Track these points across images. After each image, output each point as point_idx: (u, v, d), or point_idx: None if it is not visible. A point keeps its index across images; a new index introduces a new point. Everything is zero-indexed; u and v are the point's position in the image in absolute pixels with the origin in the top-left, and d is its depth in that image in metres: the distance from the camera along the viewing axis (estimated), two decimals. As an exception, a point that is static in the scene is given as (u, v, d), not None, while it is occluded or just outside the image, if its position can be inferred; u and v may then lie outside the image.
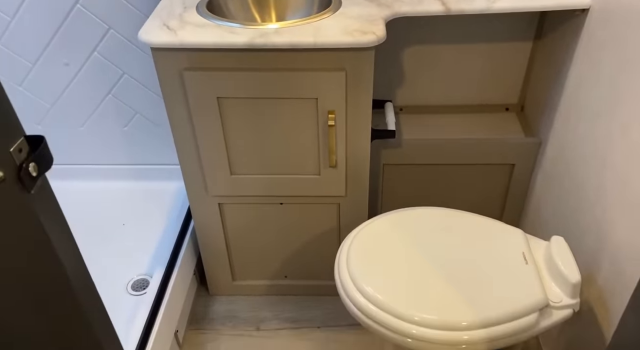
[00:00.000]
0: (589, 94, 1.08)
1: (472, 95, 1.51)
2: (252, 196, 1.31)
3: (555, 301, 0.95)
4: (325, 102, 1.10)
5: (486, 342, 0.92)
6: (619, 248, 0.94)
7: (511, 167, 1.41)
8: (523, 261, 1.01)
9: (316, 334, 1.44)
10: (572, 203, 1.15)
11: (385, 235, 1.09)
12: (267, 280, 1.52)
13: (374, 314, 0.96)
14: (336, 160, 1.20)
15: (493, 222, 1.11)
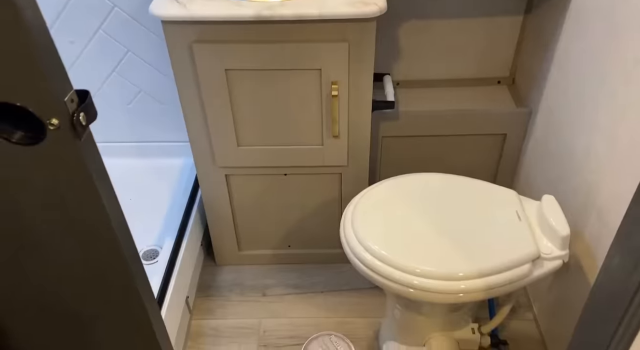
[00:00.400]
0: (577, 63, 1.15)
1: (465, 69, 1.57)
2: (257, 167, 1.37)
3: (546, 253, 1.03)
4: (328, 73, 1.15)
5: (482, 290, 1.00)
6: (605, 203, 1.02)
7: (503, 136, 1.49)
8: (516, 218, 1.09)
9: (319, 298, 1.51)
10: (561, 166, 1.23)
11: (387, 198, 1.16)
12: (272, 249, 1.59)
13: (379, 268, 1.03)
14: (339, 131, 1.26)
15: (488, 184, 1.19)
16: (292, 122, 1.26)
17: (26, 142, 0.56)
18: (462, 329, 1.22)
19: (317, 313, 1.46)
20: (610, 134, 1.00)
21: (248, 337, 1.41)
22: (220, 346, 1.39)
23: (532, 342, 1.36)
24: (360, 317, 1.45)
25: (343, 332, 1.41)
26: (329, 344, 1.39)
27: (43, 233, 0.63)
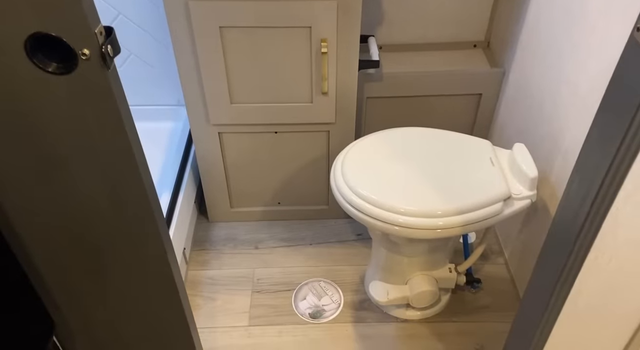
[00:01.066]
0: (547, 23, 1.25)
1: (443, 33, 1.66)
2: (249, 124, 1.44)
3: (516, 193, 1.15)
4: (318, 30, 1.23)
5: (459, 226, 1.11)
6: (569, 147, 1.13)
7: (479, 96, 1.59)
8: (490, 164, 1.20)
9: (309, 249, 1.61)
10: (532, 119, 1.34)
11: (373, 149, 1.25)
12: (263, 206, 1.67)
13: (367, 209, 1.12)
14: (327, 88, 1.34)
15: (465, 136, 1.29)
16: (283, 80, 1.33)
17: (60, 72, 0.62)
18: (440, 268, 1.34)
19: (306, 263, 1.56)
20: (573, 83, 1.11)
21: (242, 285, 1.50)
22: (216, 293, 1.48)
23: (503, 282, 1.49)
24: (346, 265, 1.56)
25: (331, 279, 1.52)
26: (318, 289, 1.49)
27: (70, 158, 0.70)
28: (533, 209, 1.34)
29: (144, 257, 0.84)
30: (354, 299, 1.47)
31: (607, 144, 0.70)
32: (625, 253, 0.82)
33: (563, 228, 0.86)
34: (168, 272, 0.87)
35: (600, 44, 1.01)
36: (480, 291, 1.47)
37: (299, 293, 1.48)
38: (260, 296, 1.47)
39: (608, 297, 0.90)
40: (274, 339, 1.37)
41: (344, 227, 1.68)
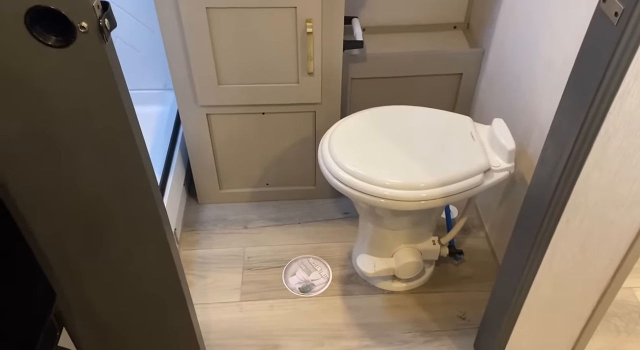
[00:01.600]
0: (523, 2, 1.30)
1: (425, 15, 1.70)
2: (237, 106, 1.47)
3: (496, 166, 1.20)
4: (303, 11, 1.26)
5: (441, 197, 1.16)
6: (545, 120, 1.19)
7: (460, 75, 1.64)
8: (471, 138, 1.25)
9: (297, 228, 1.65)
10: (510, 94, 1.39)
11: (358, 127, 1.29)
12: (251, 188, 1.71)
13: (354, 184, 1.17)
14: (313, 68, 1.37)
15: (445, 112, 1.34)
16: (270, 61, 1.36)
17: (59, 45, 0.65)
18: (424, 241, 1.39)
19: (295, 240, 1.61)
20: (549, 58, 1.16)
21: (233, 263, 1.54)
22: (208, 272, 1.51)
23: (484, 254, 1.56)
24: (333, 242, 1.61)
25: (319, 255, 1.56)
26: (307, 265, 1.54)
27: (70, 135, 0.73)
28: (511, 182, 1.40)
29: (144, 235, 0.87)
30: (342, 273, 1.52)
31: (577, 111, 0.76)
32: (595, 214, 0.88)
33: (538, 192, 0.92)
34: (167, 250, 0.90)
35: (572, 19, 1.06)
36: (463, 263, 1.53)
37: (289, 269, 1.52)
38: (251, 273, 1.51)
39: (580, 258, 0.97)
40: (266, 312, 1.41)
41: (331, 206, 1.72)
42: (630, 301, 1.45)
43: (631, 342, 1.36)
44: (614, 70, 0.67)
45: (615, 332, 1.38)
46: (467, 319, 1.40)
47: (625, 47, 0.65)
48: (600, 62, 0.69)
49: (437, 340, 1.36)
